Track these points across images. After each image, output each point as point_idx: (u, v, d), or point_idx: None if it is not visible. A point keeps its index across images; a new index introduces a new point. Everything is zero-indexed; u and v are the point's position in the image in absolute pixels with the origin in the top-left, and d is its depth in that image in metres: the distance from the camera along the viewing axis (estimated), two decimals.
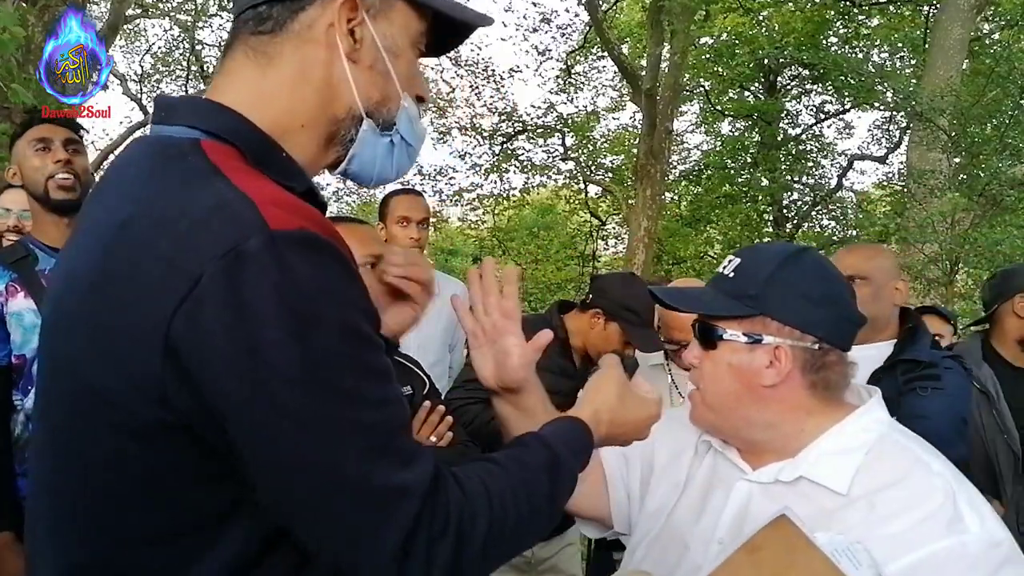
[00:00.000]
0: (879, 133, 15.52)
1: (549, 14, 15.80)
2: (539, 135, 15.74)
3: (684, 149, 16.98)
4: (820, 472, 1.03)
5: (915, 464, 1.01)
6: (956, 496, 0.96)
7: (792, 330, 1.05)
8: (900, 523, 0.95)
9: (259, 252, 0.67)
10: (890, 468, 1.01)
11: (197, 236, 0.68)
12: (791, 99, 15.56)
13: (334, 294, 0.70)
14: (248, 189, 0.72)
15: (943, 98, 7.59)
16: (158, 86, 16.63)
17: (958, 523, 0.94)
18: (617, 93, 16.90)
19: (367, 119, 0.86)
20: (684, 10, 11.04)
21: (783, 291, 1.06)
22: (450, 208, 16.85)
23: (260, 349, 0.66)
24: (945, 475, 1.00)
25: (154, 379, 0.68)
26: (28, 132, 1.94)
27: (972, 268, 7.53)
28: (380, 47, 0.85)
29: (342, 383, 0.69)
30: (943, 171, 7.65)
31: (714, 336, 1.08)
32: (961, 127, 7.69)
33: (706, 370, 1.10)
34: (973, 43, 10.67)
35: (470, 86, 15.67)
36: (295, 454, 0.68)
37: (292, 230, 0.69)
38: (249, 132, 0.80)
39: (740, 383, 1.07)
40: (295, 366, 0.67)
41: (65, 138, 1.95)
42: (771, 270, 1.07)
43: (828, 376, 1.06)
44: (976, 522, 0.94)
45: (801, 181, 14.98)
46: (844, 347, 1.09)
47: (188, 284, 0.66)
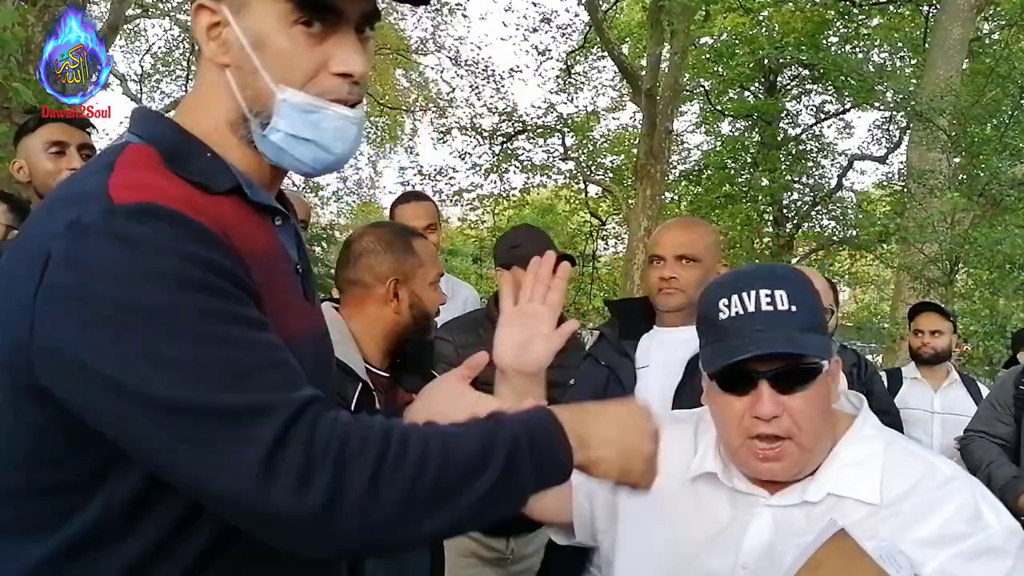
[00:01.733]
0: (879, 133, 15.53)
1: (549, 14, 15.77)
2: (539, 135, 15.73)
3: (684, 149, 16.98)
4: (846, 486, 1.05)
5: (928, 468, 1.06)
6: (974, 494, 1.03)
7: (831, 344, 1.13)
8: (928, 527, 1.00)
9: (95, 221, 0.74)
10: (906, 474, 1.05)
11: (48, 221, 0.77)
12: (791, 99, 15.54)
13: (172, 252, 0.74)
14: (119, 177, 0.79)
15: (943, 98, 7.58)
16: (158, 86, 16.65)
17: (979, 520, 1.00)
18: (617, 93, 16.91)
19: (252, 119, 0.87)
20: (684, 10, 11.04)
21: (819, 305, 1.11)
22: (450, 208, 16.86)
23: (97, 302, 0.72)
24: (959, 476, 1.06)
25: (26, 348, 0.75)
26: (42, 130, 1.92)
27: (972, 268, 7.53)
28: (244, 44, 0.85)
29: (186, 327, 0.72)
30: (943, 171, 7.65)
31: (814, 375, 1.05)
32: (961, 127, 7.69)
33: (802, 411, 1.04)
34: (973, 43, 10.66)
35: (470, 86, 15.69)
36: (141, 394, 0.71)
37: (133, 202, 0.76)
38: (172, 136, 0.87)
39: (825, 410, 1.09)
40: (138, 315, 0.71)
41: (80, 143, 1.95)
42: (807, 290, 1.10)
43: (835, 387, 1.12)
44: (994, 516, 1.01)
45: (801, 181, 14.97)
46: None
47: (42, 262, 0.74)
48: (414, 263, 1.63)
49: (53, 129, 1.93)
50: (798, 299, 1.06)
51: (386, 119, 17.83)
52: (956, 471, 1.07)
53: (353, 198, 18.63)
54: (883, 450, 1.07)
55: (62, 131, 1.93)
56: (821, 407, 1.06)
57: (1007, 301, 7.53)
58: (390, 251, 1.64)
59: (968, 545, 0.99)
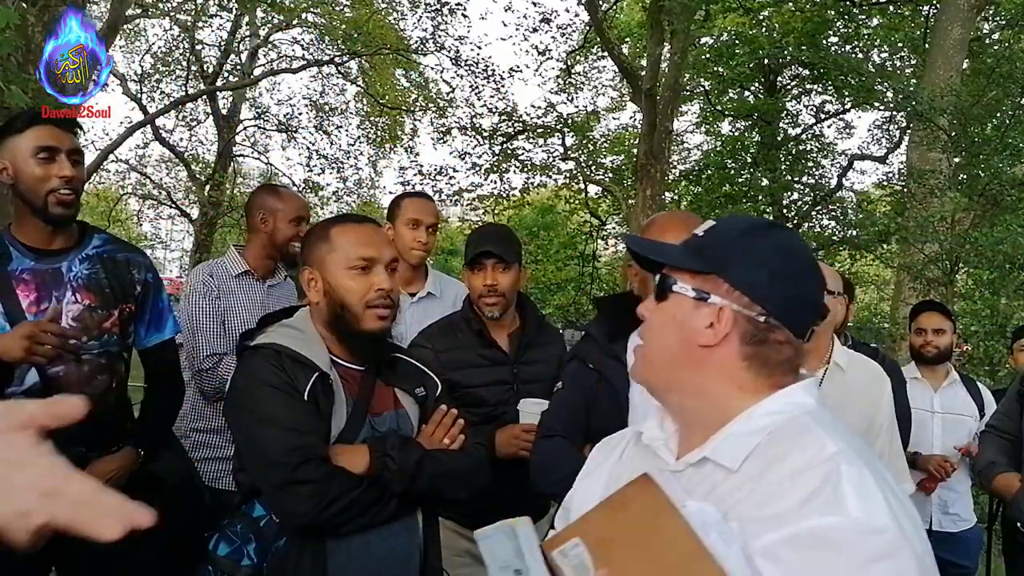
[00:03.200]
0: (879, 133, 15.53)
1: (549, 14, 15.75)
2: (539, 135, 15.73)
3: (684, 149, 16.99)
4: (720, 452, 1.00)
5: (808, 445, 0.95)
6: (841, 476, 0.88)
7: (742, 296, 1.01)
8: (780, 503, 0.90)
9: None
10: (781, 448, 0.96)
11: None
12: (791, 99, 15.54)
13: None
14: None
15: (943, 98, 7.58)
16: (158, 86, 16.64)
17: (833, 504, 0.86)
18: (617, 93, 16.92)
19: None
20: (684, 10, 11.04)
21: (743, 256, 1.03)
22: (450, 208, 16.85)
23: None
24: (837, 456, 0.91)
25: None
26: (31, 133, 1.84)
27: (972, 268, 7.53)
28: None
29: None
30: (943, 171, 7.65)
31: (667, 286, 1.06)
32: (961, 127, 7.69)
33: (653, 323, 1.08)
34: (973, 43, 10.67)
35: (470, 86, 15.68)
36: None
37: None
38: None
39: (680, 339, 1.04)
40: None
41: (70, 148, 1.88)
42: (737, 235, 1.05)
43: (767, 353, 1.02)
44: (857, 505, 0.86)
45: (801, 181, 14.97)
46: (797, 331, 1.03)
47: None
48: (323, 250, 1.60)
49: (43, 133, 1.84)
50: (714, 229, 1.08)
51: (386, 119, 17.83)
52: (843, 451, 0.92)
53: (353, 198, 18.62)
54: (781, 425, 0.99)
55: (52, 135, 1.85)
56: (672, 329, 1.04)
57: (1008, 301, 7.52)
58: (306, 242, 1.68)
59: (806, 530, 0.86)
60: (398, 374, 1.70)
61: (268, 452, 1.47)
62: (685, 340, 1.03)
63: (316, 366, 1.54)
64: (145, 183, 18.24)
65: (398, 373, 1.71)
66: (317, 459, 1.46)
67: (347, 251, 1.58)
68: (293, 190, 3.03)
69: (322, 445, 1.49)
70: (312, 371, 1.53)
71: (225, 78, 16.16)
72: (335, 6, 14.73)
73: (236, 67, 16.60)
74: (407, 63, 16.23)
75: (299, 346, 1.56)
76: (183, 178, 18.20)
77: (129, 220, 20.70)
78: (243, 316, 2.56)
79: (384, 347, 1.68)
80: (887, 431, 2.30)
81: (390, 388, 1.67)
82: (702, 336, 1.02)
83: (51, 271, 1.89)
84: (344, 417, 1.57)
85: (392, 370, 1.70)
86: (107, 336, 1.97)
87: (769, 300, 1.01)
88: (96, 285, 1.94)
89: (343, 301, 1.57)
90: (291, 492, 1.43)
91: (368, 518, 1.49)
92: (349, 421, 1.57)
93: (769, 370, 1.02)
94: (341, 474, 1.47)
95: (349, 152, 17.93)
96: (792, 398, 1.02)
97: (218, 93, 16.16)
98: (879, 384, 2.31)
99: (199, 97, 16.02)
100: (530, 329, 2.33)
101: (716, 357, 1.02)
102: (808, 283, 1.06)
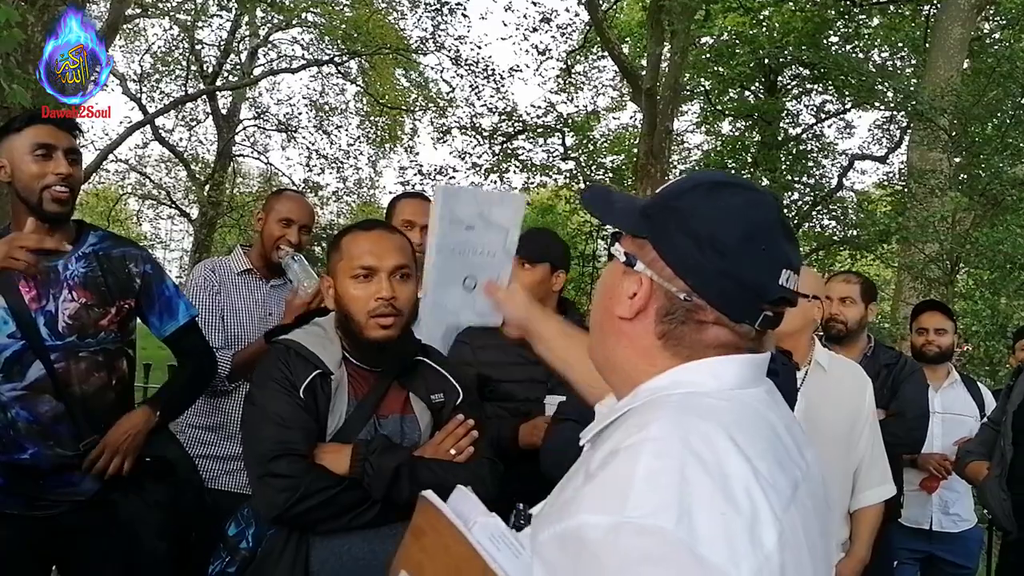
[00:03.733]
0: (879, 133, 15.52)
1: (549, 14, 15.74)
2: (539, 135, 15.73)
3: (684, 149, 16.98)
4: (585, 432, 0.92)
5: (633, 427, 0.79)
6: (637, 466, 0.72)
7: (664, 267, 0.87)
8: (566, 492, 0.79)
9: None
10: (616, 430, 0.83)
11: None
12: (791, 99, 15.54)
13: None
14: None
15: (943, 98, 7.58)
16: (158, 86, 16.64)
17: (610, 499, 0.71)
18: (617, 93, 16.91)
19: None
20: (684, 10, 11.03)
21: (676, 221, 0.87)
22: None
23: None
24: (647, 444, 0.75)
25: None
26: (29, 131, 1.87)
27: (973, 268, 7.53)
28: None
29: None
30: (943, 171, 7.65)
31: (609, 247, 0.95)
32: (962, 127, 7.69)
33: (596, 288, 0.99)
34: (973, 43, 10.66)
35: (470, 86, 15.68)
36: None
37: None
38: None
39: (603, 307, 0.93)
40: None
41: (68, 147, 1.91)
42: (684, 191, 0.90)
43: (689, 334, 0.86)
44: (638, 503, 0.69)
45: (801, 181, 14.95)
46: (729, 312, 0.85)
47: None
48: (335, 259, 1.63)
49: (40, 131, 1.88)
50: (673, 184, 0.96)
51: (386, 119, 17.84)
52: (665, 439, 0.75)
53: (353, 198, 18.62)
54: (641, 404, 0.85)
55: (50, 134, 1.88)
56: (601, 293, 0.95)
57: (1008, 301, 7.52)
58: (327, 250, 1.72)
59: (570, 528, 0.72)
60: (417, 379, 1.70)
61: (254, 444, 1.53)
62: (606, 309, 0.92)
63: (320, 364, 1.57)
64: (145, 183, 18.26)
65: (417, 378, 1.70)
66: (294, 454, 1.48)
67: (351, 260, 1.60)
68: (300, 194, 3.00)
69: (304, 442, 1.51)
70: (314, 368, 1.56)
71: (225, 78, 16.16)
72: (335, 6, 14.73)
73: (236, 67, 16.61)
74: (407, 63, 16.24)
75: (313, 344, 1.60)
76: (183, 178, 18.21)
77: (129, 220, 20.70)
78: (242, 313, 2.55)
79: (393, 354, 1.66)
80: (870, 432, 2.30)
81: (404, 392, 1.68)
82: (621, 306, 0.89)
83: (48, 269, 1.90)
84: (343, 416, 1.58)
85: (412, 374, 1.70)
86: (104, 334, 1.97)
87: (695, 273, 0.85)
88: (92, 283, 1.95)
89: (347, 310, 1.59)
90: (266, 483, 1.47)
91: (348, 519, 1.49)
92: (349, 421, 1.58)
93: (684, 349, 0.87)
94: (318, 471, 1.48)
95: (349, 152, 17.95)
96: (685, 375, 0.86)
97: (218, 93, 16.17)
98: (861, 385, 2.31)
99: (199, 97, 16.03)
100: None
101: (633, 330, 0.89)
102: (748, 258, 0.85)
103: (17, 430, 1.82)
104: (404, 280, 1.61)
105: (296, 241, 2.51)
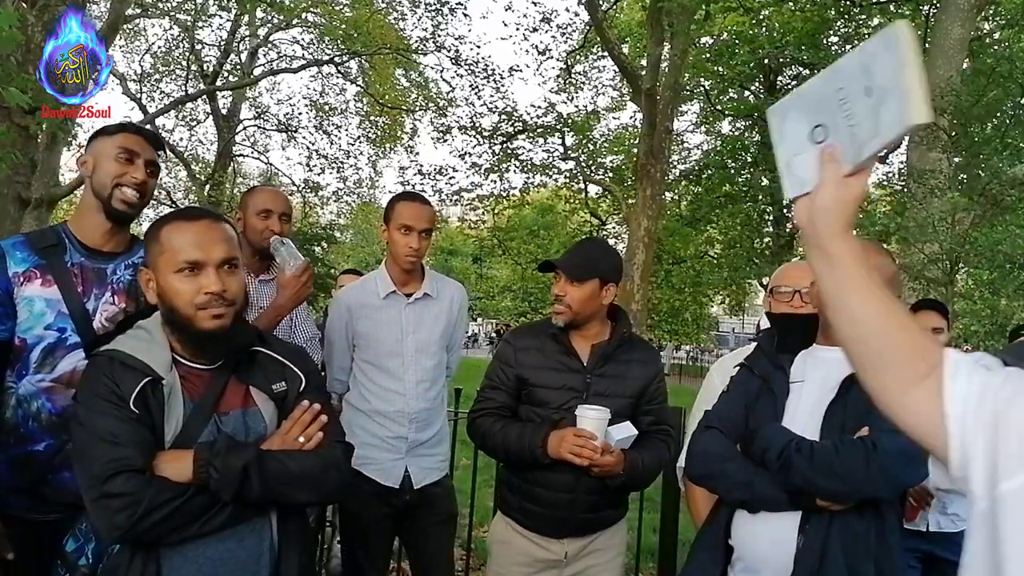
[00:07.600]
0: None
1: (549, 13, 15.78)
2: (539, 135, 15.74)
3: (684, 149, 17.00)
4: None
5: None
6: None
7: None
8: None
9: None
10: None
11: None
12: None
13: None
14: None
15: (943, 98, 7.58)
16: (158, 86, 16.65)
17: None
18: (617, 93, 16.93)
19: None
20: (684, 10, 11.04)
21: None
22: (450, 208, 16.87)
23: None
24: None
25: None
26: (119, 136, 1.98)
27: (972, 268, 7.54)
28: None
29: None
30: (943, 171, 7.65)
31: None
32: (962, 127, 7.70)
33: None
34: (973, 42, 10.66)
35: (470, 86, 15.69)
36: None
37: None
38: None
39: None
40: None
41: (149, 158, 2.01)
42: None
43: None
44: None
45: None
46: None
47: None
48: (155, 251, 1.54)
49: (129, 138, 2.00)
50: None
51: (386, 119, 17.84)
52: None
53: (353, 198, 18.63)
54: None
55: (136, 142, 2.01)
56: None
57: (1008, 301, 7.52)
58: (144, 240, 1.60)
59: None
60: (255, 370, 1.62)
61: (86, 466, 1.42)
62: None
63: (148, 370, 1.48)
64: None
65: (255, 369, 1.62)
66: (130, 471, 1.39)
67: (174, 253, 1.51)
68: (273, 187, 2.98)
69: (140, 456, 1.41)
70: (142, 376, 1.47)
71: (225, 78, 16.16)
72: (335, 6, 14.74)
73: (236, 67, 16.61)
74: (407, 63, 16.24)
75: (138, 350, 1.51)
76: (183, 178, 18.23)
77: None
78: None
79: (227, 346, 1.57)
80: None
81: (243, 386, 1.59)
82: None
83: (97, 270, 1.98)
84: (181, 420, 1.50)
85: (250, 366, 1.61)
86: None
87: None
88: (134, 292, 2.00)
89: (172, 304, 1.51)
90: (103, 505, 1.37)
91: (198, 526, 1.42)
92: (188, 424, 1.50)
93: None
94: (159, 484, 1.39)
95: (349, 152, 17.98)
96: None
97: (218, 93, 16.18)
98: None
99: (199, 97, 16.03)
100: (612, 343, 2.33)
101: None
102: None
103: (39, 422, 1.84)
104: (232, 271, 1.54)
105: (279, 230, 2.51)
